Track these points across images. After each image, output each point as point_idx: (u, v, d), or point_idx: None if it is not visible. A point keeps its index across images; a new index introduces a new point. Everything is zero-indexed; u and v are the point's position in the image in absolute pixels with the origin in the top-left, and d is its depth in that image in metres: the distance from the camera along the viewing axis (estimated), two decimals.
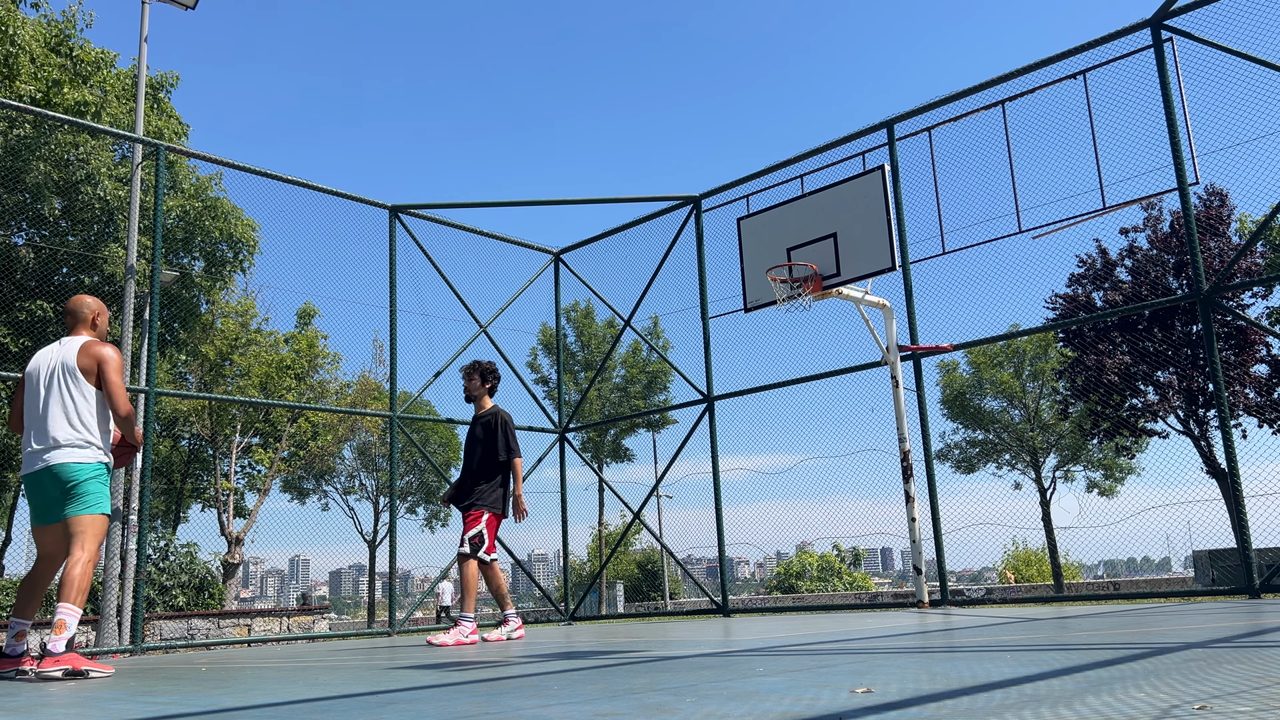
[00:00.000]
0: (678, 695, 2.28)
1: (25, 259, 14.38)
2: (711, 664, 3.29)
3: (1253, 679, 2.01)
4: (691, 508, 14.08)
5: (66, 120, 8.87)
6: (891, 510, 8.64)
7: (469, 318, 11.53)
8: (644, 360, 30.83)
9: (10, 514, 23.05)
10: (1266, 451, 42.63)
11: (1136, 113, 8.01)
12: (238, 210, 16.42)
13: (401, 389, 10.93)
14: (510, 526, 7.28)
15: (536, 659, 4.21)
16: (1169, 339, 21.54)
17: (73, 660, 4.32)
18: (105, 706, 2.84)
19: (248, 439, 24.37)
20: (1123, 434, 23.19)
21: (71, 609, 4.40)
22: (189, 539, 29.03)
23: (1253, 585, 7.21)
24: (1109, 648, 3.13)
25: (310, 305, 25.56)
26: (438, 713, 2.18)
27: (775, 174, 10.27)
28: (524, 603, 37.63)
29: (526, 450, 12.02)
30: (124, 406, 4.75)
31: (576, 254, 12.50)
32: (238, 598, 26.07)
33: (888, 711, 1.81)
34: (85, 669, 4.32)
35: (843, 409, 10.25)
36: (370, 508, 32.18)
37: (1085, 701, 1.79)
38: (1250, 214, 20.48)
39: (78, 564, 4.46)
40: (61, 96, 14.44)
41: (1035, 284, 26.81)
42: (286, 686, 3.27)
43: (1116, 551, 52.57)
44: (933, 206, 8.84)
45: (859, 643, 4.13)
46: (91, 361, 4.72)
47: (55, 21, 15.49)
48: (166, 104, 16.79)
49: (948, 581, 8.73)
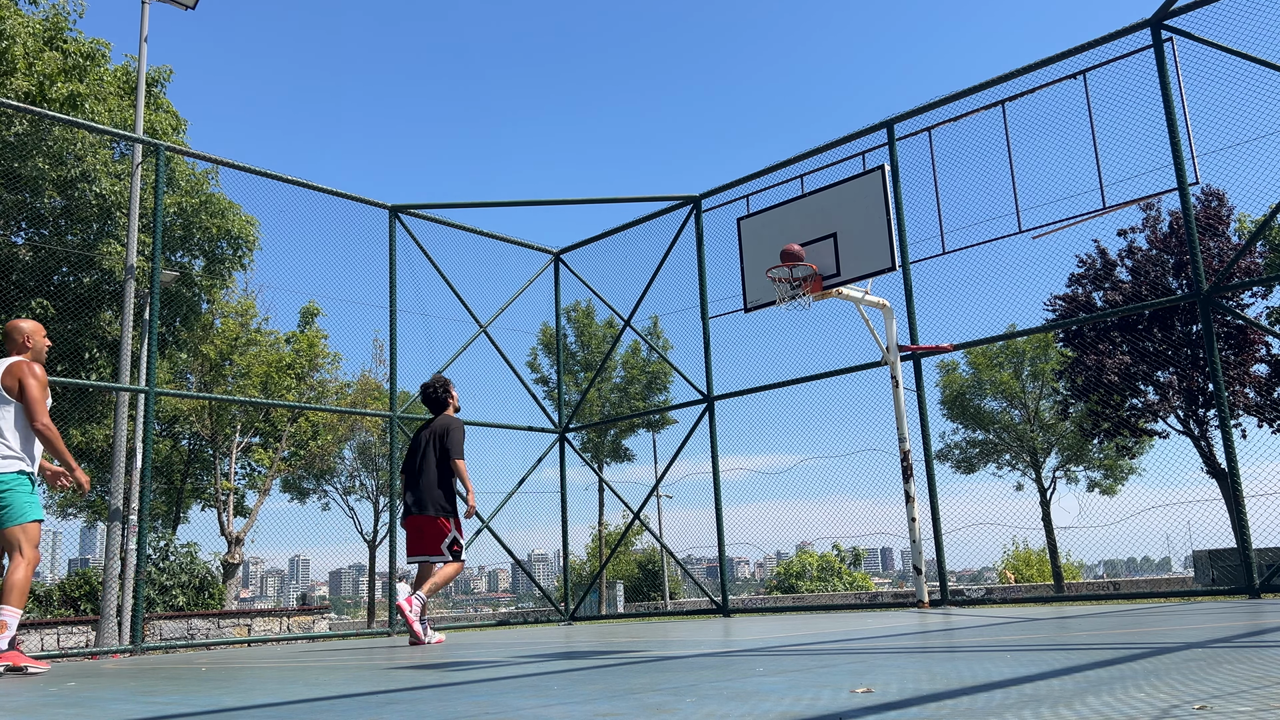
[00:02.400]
0: (678, 695, 2.28)
1: (23, 257, 14.38)
2: (711, 664, 3.29)
3: (1253, 679, 2.01)
4: (691, 508, 14.08)
5: (66, 120, 8.87)
6: (891, 510, 8.64)
7: (469, 318, 11.54)
8: (644, 360, 30.82)
9: None
10: (1266, 451, 42.61)
11: (1136, 113, 8.01)
12: (235, 206, 16.39)
13: (401, 389, 10.93)
14: (510, 527, 7.36)
15: (536, 659, 4.21)
16: (1169, 339, 21.53)
17: (13, 657, 4.84)
18: (105, 706, 2.84)
19: (248, 439, 24.36)
20: (1123, 434, 23.19)
21: (13, 610, 4.89)
22: (189, 539, 28.98)
23: (1253, 585, 7.21)
24: (1109, 648, 3.13)
25: (313, 304, 25.54)
26: (438, 713, 2.18)
27: (775, 174, 10.27)
28: (524, 603, 37.64)
29: (527, 450, 12.08)
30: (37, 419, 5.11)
31: (576, 254, 12.50)
32: (238, 598, 26.06)
33: (888, 711, 1.81)
34: (24, 665, 4.86)
35: (843, 409, 10.26)
36: (370, 508, 32.15)
37: (1085, 701, 1.79)
38: (1250, 214, 20.47)
39: (17, 569, 4.95)
40: (55, 91, 14.40)
41: (1035, 284, 26.80)
42: (286, 686, 3.27)
43: (1116, 551, 52.53)
44: (933, 206, 8.85)
45: (859, 643, 4.13)
46: (13, 380, 5.14)
47: (48, 17, 15.46)
48: (162, 98, 16.75)
49: (948, 581, 8.73)
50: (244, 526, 24.32)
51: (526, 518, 12.10)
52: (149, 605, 18.53)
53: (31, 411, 5.10)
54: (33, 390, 5.11)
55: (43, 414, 5.12)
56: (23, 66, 14.22)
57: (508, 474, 11.95)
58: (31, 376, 5.14)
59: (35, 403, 5.10)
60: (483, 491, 12.25)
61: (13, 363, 5.22)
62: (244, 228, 16.63)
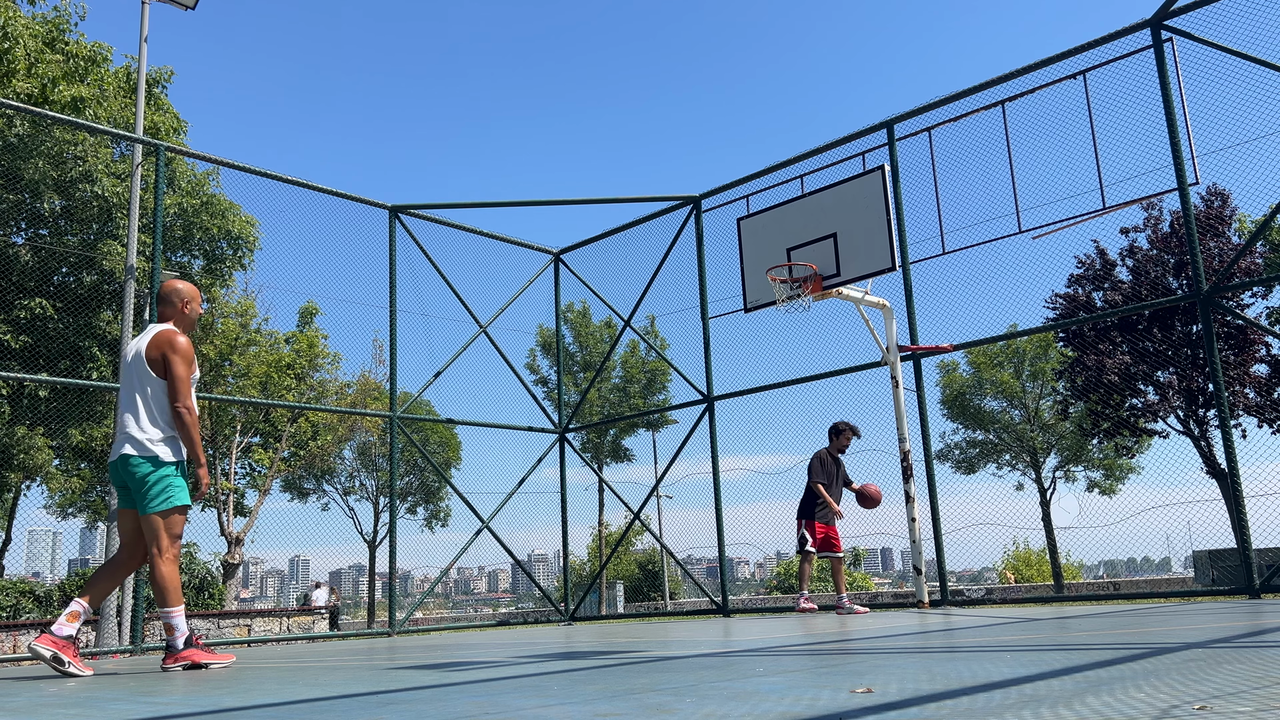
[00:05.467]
0: (678, 695, 2.28)
1: (24, 258, 14.38)
2: (712, 664, 3.29)
3: (1253, 679, 2.01)
4: (691, 508, 14.07)
5: (66, 121, 8.87)
6: (891, 510, 8.64)
7: (469, 318, 11.53)
8: (643, 360, 30.82)
9: (11, 515, 23.03)
10: (1266, 451, 42.64)
11: (1136, 113, 8.01)
12: (235, 206, 16.40)
13: (401, 389, 10.93)
14: (510, 527, 7.29)
15: (536, 659, 4.21)
16: (1169, 339, 21.53)
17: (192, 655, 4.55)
18: (105, 706, 2.84)
19: (248, 439, 24.35)
20: (1123, 434, 23.19)
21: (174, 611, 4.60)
22: (189, 539, 28.96)
23: (1253, 585, 7.21)
24: (1109, 648, 3.13)
25: (312, 304, 25.56)
26: (438, 713, 2.18)
27: (775, 174, 10.27)
28: (524, 603, 37.64)
29: (526, 450, 12.08)
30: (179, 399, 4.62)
31: (576, 254, 12.50)
32: (237, 598, 26.06)
33: (888, 711, 1.81)
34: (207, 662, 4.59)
35: (843, 409, 10.26)
36: (370, 508, 32.17)
37: (1085, 701, 1.79)
38: (1250, 214, 20.47)
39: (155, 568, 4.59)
40: (58, 93, 14.42)
41: (1035, 284, 26.79)
42: (286, 686, 3.27)
43: (1116, 551, 52.58)
44: (933, 206, 8.85)
45: (859, 643, 4.13)
46: (158, 352, 4.67)
47: (50, 19, 15.47)
48: (162, 99, 16.78)
49: (948, 582, 8.73)
50: (244, 527, 24.33)
51: (526, 518, 12.11)
52: (149, 605, 18.53)
53: (174, 390, 4.59)
54: (177, 367, 4.61)
55: (186, 395, 4.62)
56: (23, 68, 14.23)
57: (507, 474, 11.97)
58: (177, 351, 4.64)
59: (180, 381, 4.61)
60: (483, 492, 12.26)
61: (160, 331, 4.72)
62: (244, 228, 16.65)
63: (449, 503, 32.97)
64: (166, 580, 4.55)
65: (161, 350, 4.65)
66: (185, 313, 4.90)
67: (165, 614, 4.58)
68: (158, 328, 4.78)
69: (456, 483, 17.61)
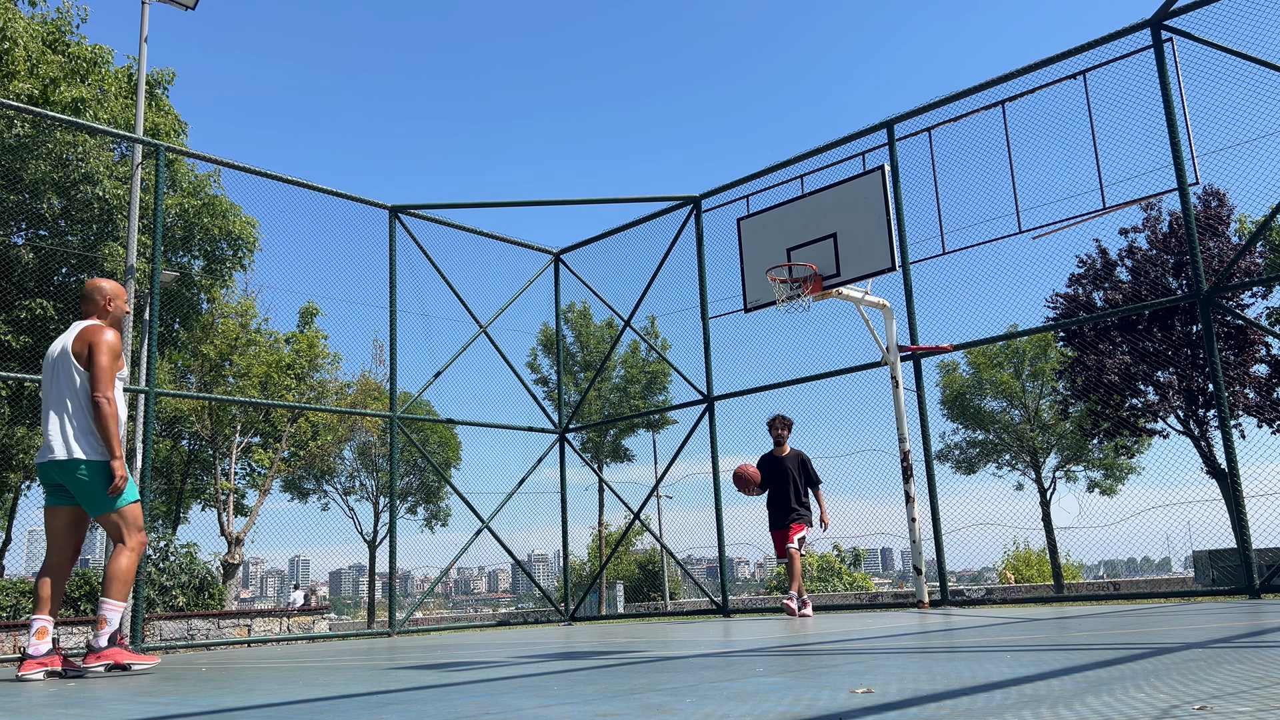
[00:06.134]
0: (678, 695, 2.28)
1: (25, 258, 14.38)
2: (712, 664, 3.29)
3: (1253, 679, 2.01)
4: (691, 508, 14.08)
5: (66, 121, 8.87)
6: (891, 510, 8.64)
7: (469, 318, 11.54)
8: (643, 360, 30.81)
9: (11, 514, 23.03)
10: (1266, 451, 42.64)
11: (1136, 113, 8.01)
12: (236, 207, 16.41)
13: (401, 389, 10.93)
14: (510, 527, 7.30)
15: (536, 659, 4.21)
16: (1169, 339, 21.53)
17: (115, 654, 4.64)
18: (105, 706, 2.84)
19: (248, 439, 24.35)
20: (1123, 434, 23.19)
21: (113, 604, 4.66)
22: (189, 539, 28.96)
23: (1253, 585, 7.21)
24: (1109, 648, 3.13)
25: (313, 304, 25.56)
26: (438, 713, 2.18)
27: (775, 174, 10.27)
28: (524, 603, 37.66)
29: (526, 450, 12.09)
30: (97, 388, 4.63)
31: (576, 254, 12.50)
32: (238, 598, 26.06)
33: (888, 711, 1.81)
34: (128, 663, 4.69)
35: (843, 409, 10.25)
36: (370, 508, 32.16)
37: (1085, 701, 1.79)
38: (1250, 214, 20.48)
39: (119, 556, 4.67)
40: (59, 95, 14.42)
41: (1035, 284, 26.81)
42: (286, 686, 3.27)
43: (1116, 551, 52.58)
44: (933, 206, 8.85)
45: (859, 643, 4.13)
46: (84, 345, 4.69)
47: (51, 19, 15.48)
48: (164, 101, 16.78)
49: (948, 582, 8.73)
50: (244, 527, 24.32)
51: (526, 518, 12.11)
52: (149, 606, 18.52)
53: (95, 378, 4.59)
54: (102, 356, 4.62)
55: (107, 385, 4.61)
56: (24, 69, 14.23)
57: (507, 474, 11.97)
58: (104, 342, 4.66)
59: (103, 370, 4.60)
60: (483, 492, 12.26)
61: (87, 325, 4.75)
62: (244, 228, 16.65)
63: (449, 503, 32.97)
64: (124, 572, 4.61)
65: (88, 341, 4.68)
66: (109, 309, 4.92)
67: (107, 604, 4.59)
68: (83, 324, 4.81)
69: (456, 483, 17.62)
